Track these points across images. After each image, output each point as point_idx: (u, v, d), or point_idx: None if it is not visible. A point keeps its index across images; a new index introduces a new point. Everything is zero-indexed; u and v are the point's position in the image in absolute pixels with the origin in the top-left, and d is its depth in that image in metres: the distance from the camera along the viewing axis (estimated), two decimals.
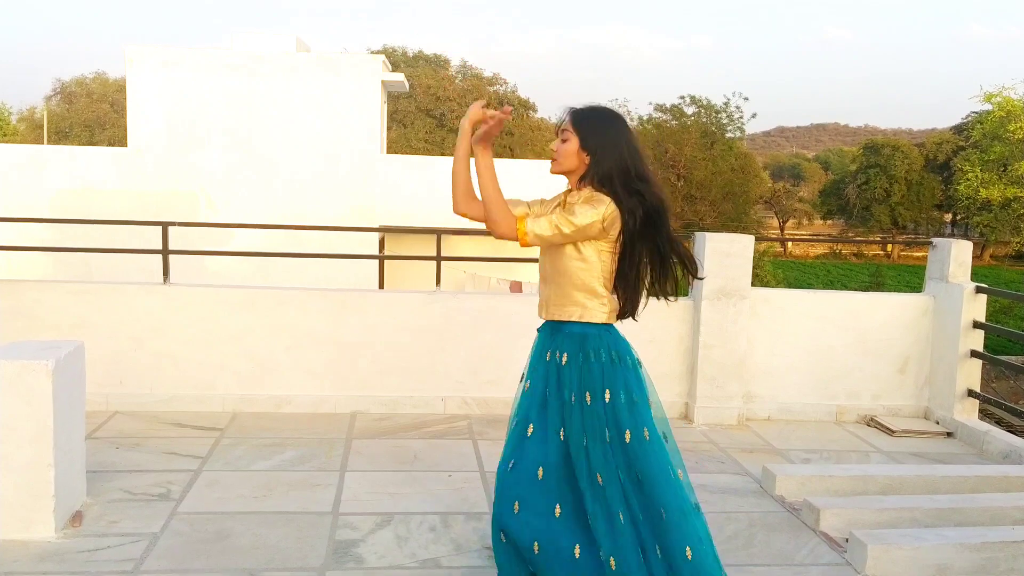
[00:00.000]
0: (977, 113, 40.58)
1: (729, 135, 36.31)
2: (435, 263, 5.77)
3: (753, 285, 5.57)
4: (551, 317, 2.73)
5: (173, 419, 5.09)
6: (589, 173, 2.66)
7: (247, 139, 16.43)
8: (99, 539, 3.44)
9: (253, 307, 5.35)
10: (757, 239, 5.85)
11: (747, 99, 36.61)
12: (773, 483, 4.20)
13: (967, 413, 5.54)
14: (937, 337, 5.70)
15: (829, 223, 60.14)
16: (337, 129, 16.53)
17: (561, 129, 2.71)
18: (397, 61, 35.21)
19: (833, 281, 40.10)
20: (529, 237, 2.61)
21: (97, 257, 13.45)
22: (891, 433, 5.44)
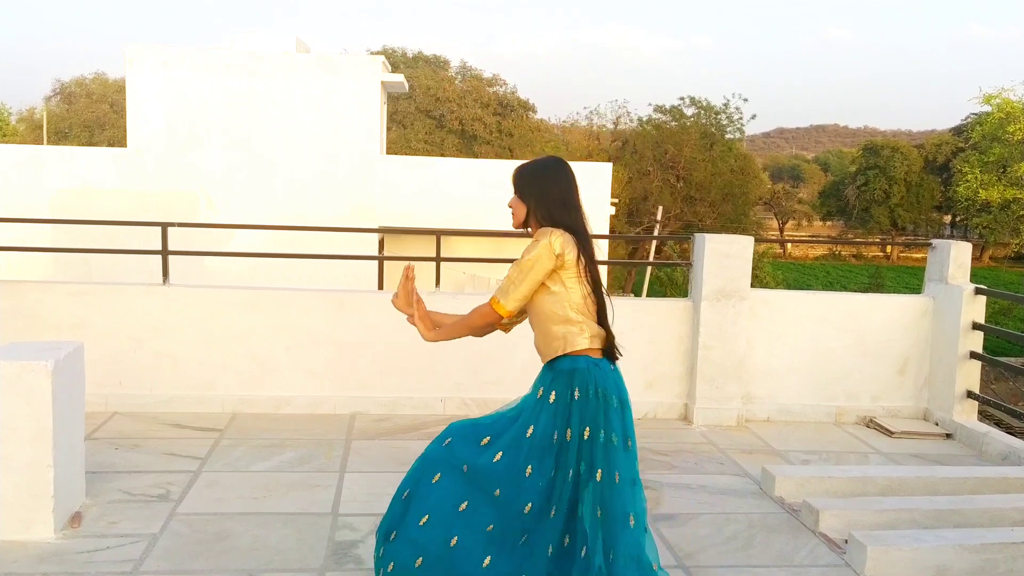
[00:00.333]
0: (976, 115, 40.59)
1: (728, 136, 36.30)
2: (435, 264, 5.77)
3: (752, 286, 5.57)
4: (543, 360, 2.82)
5: (172, 420, 5.09)
6: (534, 217, 2.82)
7: (247, 139, 16.43)
8: (98, 540, 3.45)
9: (252, 308, 5.36)
10: (756, 240, 5.85)
11: (746, 100, 36.79)
12: (772, 484, 4.21)
13: (966, 414, 5.54)
14: (936, 338, 5.71)
15: (828, 224, 60.15)
16: (337, 129, 16.53)
17: None
18: (397, 62, 35.20)
19: (832, 282, 40.14)
20: (502, 308, 2.76)
21: (97, 257, 13.45)
22: (890, 434, 5.45)
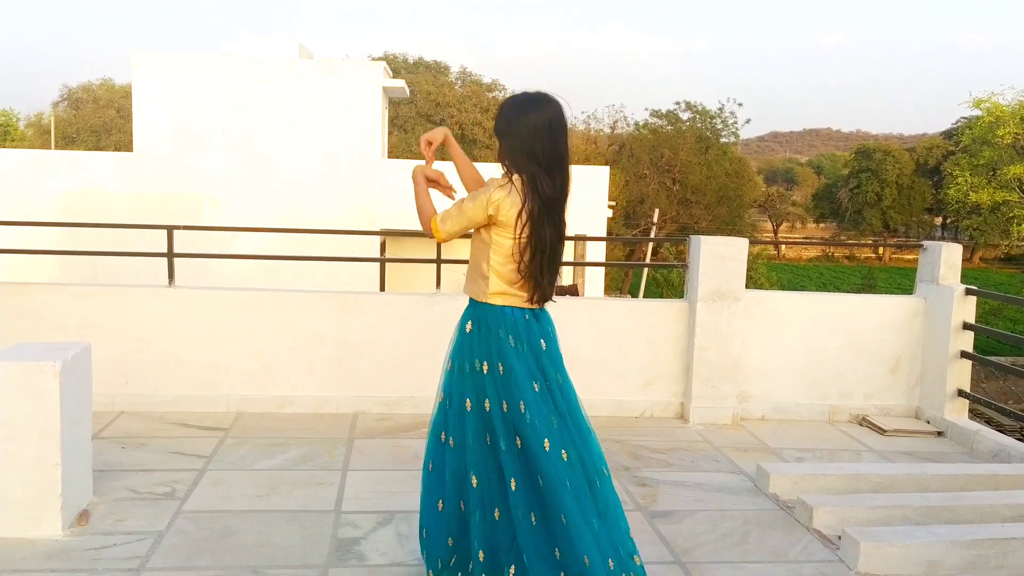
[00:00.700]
0: (967, 118, 40.82)
1: (724, 140, 36.47)
2: (435, 266, 5.83)
3: (747, 287, 5.63)
4: (465, 291, 2.86)
5: (178, 419, 5.13)
6: (500, 156, 2.72)
7: (250, 142, 16.53)
8: (105, 537, 3.48)
9: (256, 309, 5.40)
10: (751, 242, 5.92)
11: (741, 105, 36.92)
12: (767, 482, 4.26)
13: (957, 413, 5.61)
14: (928, 338, 5.78)
15: (822, 226, 60.33)
16: (338, 132, 16.65)
17: None
18: (398, 67, 35.28)
19: (826, 283, 40.29)
20: (437, 233, 2.76)
21: (103, 259, 13.45)
22: (883, 432, 5.51)
